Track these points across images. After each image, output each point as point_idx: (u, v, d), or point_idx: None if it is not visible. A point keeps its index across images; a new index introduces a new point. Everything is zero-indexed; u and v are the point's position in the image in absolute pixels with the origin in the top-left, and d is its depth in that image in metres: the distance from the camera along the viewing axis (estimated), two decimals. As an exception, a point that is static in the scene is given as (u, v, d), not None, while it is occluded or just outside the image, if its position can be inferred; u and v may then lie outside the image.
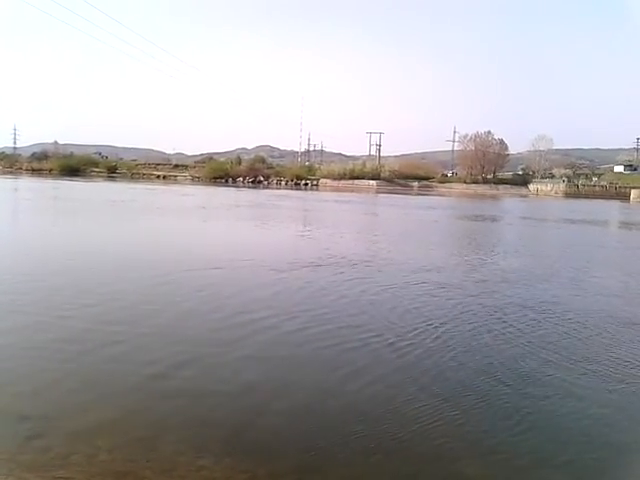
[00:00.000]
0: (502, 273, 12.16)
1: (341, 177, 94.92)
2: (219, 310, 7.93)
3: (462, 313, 8.26)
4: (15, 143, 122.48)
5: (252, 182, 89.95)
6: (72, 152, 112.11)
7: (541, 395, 5.27)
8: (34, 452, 3.86)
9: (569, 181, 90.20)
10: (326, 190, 76.00)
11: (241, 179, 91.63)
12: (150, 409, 4.66)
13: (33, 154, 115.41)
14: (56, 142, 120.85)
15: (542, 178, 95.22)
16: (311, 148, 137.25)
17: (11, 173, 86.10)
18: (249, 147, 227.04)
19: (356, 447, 4.16)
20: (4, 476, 3.57)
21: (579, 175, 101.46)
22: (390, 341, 6.70)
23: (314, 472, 3.83)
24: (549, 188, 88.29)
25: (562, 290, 10.62)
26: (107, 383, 5.14)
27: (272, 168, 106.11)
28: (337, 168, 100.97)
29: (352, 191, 73.80)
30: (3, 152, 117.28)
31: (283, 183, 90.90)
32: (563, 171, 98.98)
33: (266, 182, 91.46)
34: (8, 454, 3.82)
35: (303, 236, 19.67)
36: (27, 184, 52.20)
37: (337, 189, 79.85)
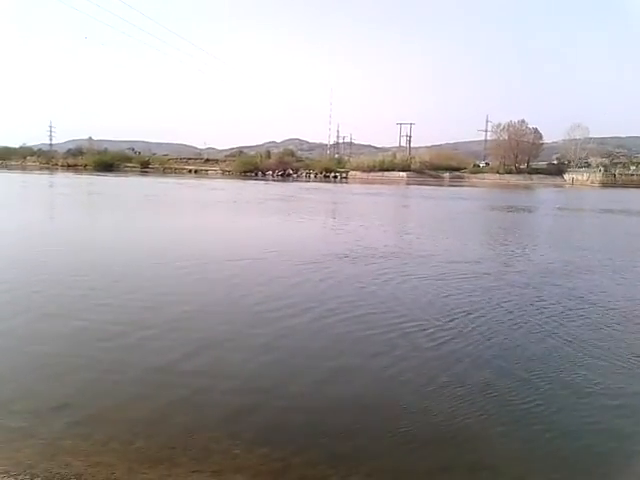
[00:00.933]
0: (544, 264, 11.89)
1: (371, 169, 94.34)
2: (251, 299, 7.98)
3: (501, 304, 8.10)
4: (51, 140, 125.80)
5: (281, 175, 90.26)
6: (106, 148, 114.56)
7: (582, 388, 5.14)
8: (75, 438, 3.97)
9: (606, 170, 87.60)
10: (355, 182, 75.71)
11: (270, 172, 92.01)
12: (186, 398, 4.73)
13: (68, 150, 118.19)
14: (90, 138, 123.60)
15: (578, 167, 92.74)
16: (340, 140, 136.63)
17: (48, 169, 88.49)
18: (278, 140, 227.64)
19: (389, 436, 4.14)
20: (49, 458, 3.68)
21: (616, 164, 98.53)
22: (425, 330, 6.64)
23: (348, 460, 3.83)
24: (585, 178, 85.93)
25: (607, 280, 10.31)
26: (145, 370, 5.24)
27: (301, 161, 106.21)
28: (367, 160, 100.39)
29: (382, 183, 73.30)
30: (40, 149, 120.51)
31: (312, 176, 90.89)
32: (599, 160, 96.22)
33: (295, 175, 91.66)
34: (51, 439, 3.94)
35: (334, 228, 19.66)
36: (63, 180, 53.60)
37: (367, 181, 79.46)
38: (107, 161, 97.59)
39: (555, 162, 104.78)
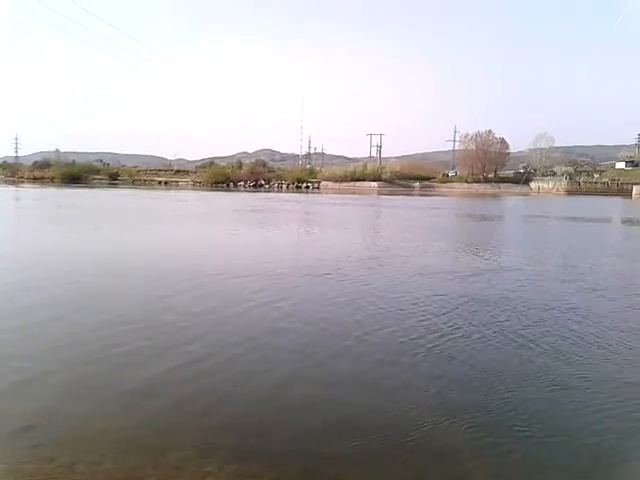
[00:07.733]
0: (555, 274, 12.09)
1: (342, 179, 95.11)
2: (219, 314, 7.88)
3: (477, 311, 8.18)
4: (17, 152, 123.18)
5: (253, 186, 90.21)
6: (74, 160, 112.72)
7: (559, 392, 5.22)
8: (38, 461, 3.82)
9: (570, 178, 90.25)
10: (327, 192, 76.05)
11: (242, 183, 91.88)
12: (156, 415, 4.62)
13: (35, 163, 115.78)
14: (57, 150, 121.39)
15: (543, 176, 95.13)
16: (312, 151, 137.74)
17: (13, 182, 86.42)
18: (250, 151, 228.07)
19: (360, 450, 4.10)
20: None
21: (580, 172, 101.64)
22: (417, 342, 6.61)
23: (321, 476, 3.79)
24: (551, 186, 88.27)
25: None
26: (112, 389, 5.10)
27: (273, 172, 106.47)
28: (338, 170, 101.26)
29: (353, 193, 73.81)
30: (5, 161, 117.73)
31: (284, 186, 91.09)
32: (564, 168, 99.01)
33: (267, 186, 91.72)
34: (12, 463, 3.78)
35: (309, 240, 19.63)
36: (29, 193, 52.29)
37: (338, 191, 79.85)
38: (74, 173, 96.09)
39: (522, 171, 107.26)
